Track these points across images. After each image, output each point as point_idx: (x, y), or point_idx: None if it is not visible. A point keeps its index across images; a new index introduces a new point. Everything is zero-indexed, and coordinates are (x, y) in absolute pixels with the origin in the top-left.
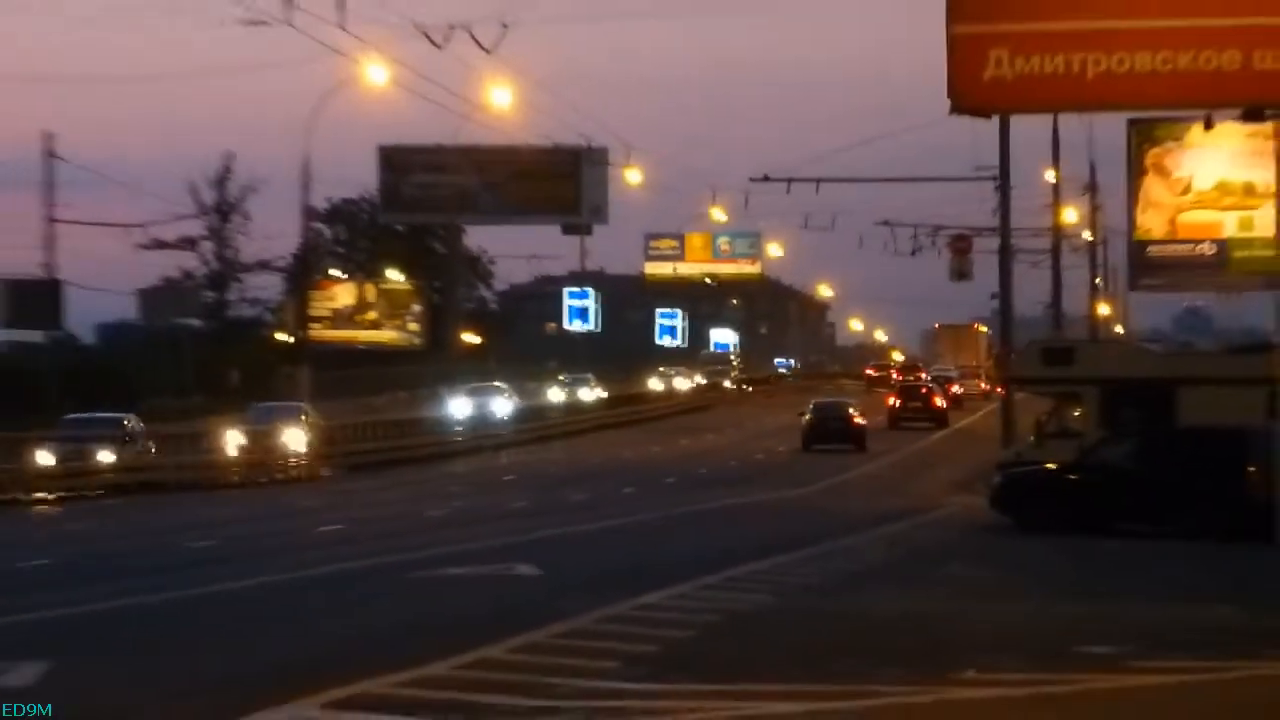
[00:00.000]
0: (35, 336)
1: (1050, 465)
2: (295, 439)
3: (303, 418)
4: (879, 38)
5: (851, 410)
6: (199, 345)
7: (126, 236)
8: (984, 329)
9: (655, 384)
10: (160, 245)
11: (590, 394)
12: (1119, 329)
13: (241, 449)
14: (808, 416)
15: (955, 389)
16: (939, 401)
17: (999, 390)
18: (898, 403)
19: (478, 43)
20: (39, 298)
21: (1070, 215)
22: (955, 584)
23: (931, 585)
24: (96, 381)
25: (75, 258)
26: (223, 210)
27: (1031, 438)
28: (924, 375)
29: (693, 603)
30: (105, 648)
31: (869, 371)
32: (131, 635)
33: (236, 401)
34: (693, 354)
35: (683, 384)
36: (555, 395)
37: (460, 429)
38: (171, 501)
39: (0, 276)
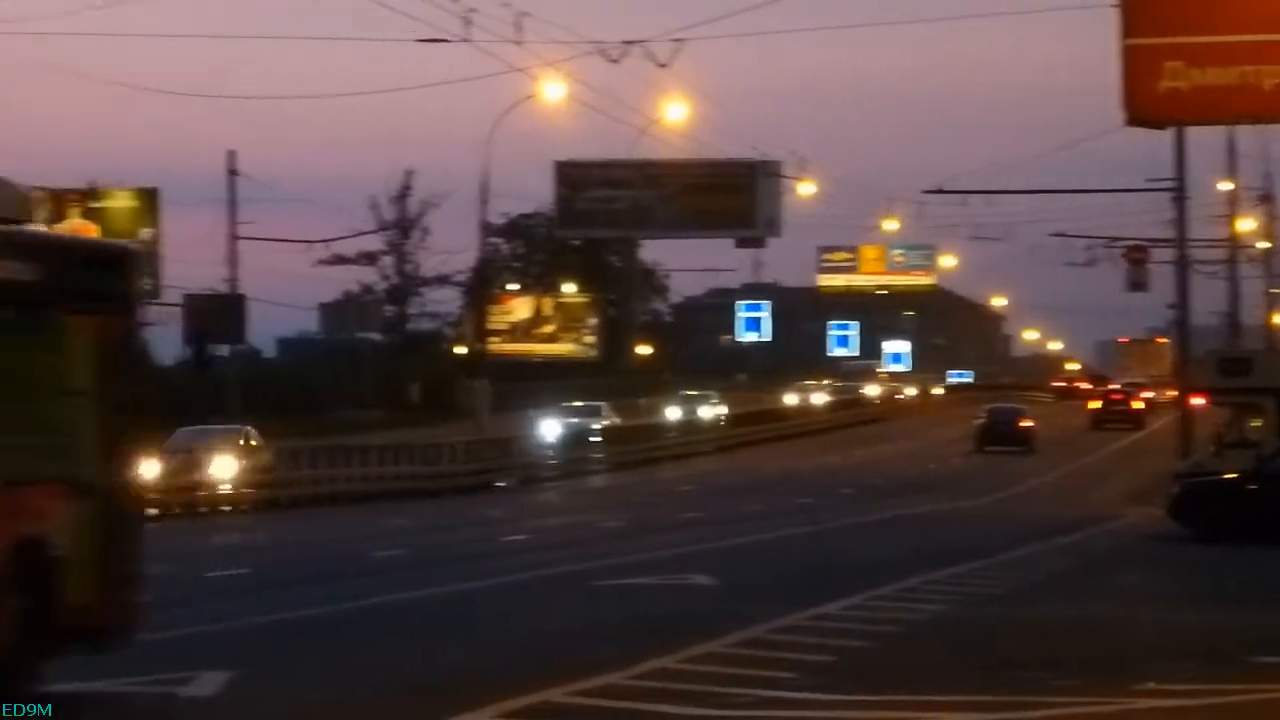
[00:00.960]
0: (219, 350)
1: (1229, 475)
2: (225, 467)
3: (243, 442)
4: (1046, 50)
5: (1021, 415)
6: (379, 359)
7: (308, 252)
8: (1164, 341)
9: (791, 399)
10: (341, 261)
11: (711, 412)
12: None
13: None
14: (981, 420)
15: (1147, 395)
16: (1136, 406)
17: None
18: (1100, 407)
19: (653, 58)
20: (222, 313)
21: (1246, 225)
22: (1131, 594)
23: (1108, 595)
24: (277, 394)
25: (257, 273)
26: (403, 226)
27: (1211, 448)
28: (1112, 385)
29: (869, 612)
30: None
31: (1058, 383)
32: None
33: (417, 414)
34: (832, 366)
35: (820, 399)
36: (673, 414)
37: (551, 452)
38: None
39: (185, 291)
